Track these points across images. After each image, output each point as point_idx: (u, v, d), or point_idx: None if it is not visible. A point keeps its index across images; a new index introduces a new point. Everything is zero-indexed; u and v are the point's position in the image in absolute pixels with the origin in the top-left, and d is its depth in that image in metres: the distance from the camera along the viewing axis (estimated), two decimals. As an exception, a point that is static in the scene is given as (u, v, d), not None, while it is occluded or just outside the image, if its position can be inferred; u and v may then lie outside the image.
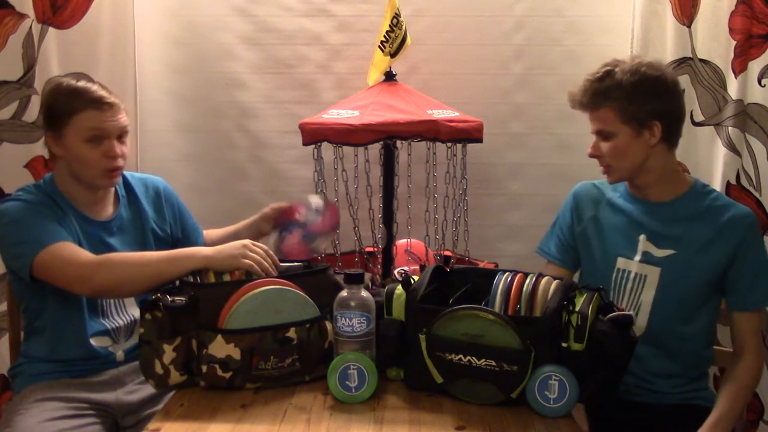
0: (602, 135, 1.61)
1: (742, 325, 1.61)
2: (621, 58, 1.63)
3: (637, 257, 1.64)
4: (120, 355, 1.69)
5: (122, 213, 1.73)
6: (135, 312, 1.71)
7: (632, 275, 1.64)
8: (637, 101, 1.57)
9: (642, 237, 1.64)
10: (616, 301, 1.65)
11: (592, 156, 1.65)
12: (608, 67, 1.60)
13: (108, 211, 1.72)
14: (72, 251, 1.54)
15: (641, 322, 1.63)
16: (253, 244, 1.54)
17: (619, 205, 1.70)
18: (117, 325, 1.68)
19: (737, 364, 1.59)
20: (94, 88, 1.63)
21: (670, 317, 1.61)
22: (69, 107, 1.60)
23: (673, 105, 1.61)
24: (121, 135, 1.65)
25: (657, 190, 1.65)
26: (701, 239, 1.60)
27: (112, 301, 1.68)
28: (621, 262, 1.66)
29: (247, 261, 1.50)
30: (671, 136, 1.62)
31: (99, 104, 1.61)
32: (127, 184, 1.77)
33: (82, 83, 1.63)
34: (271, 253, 1.55)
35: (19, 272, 1.57)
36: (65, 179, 1.66)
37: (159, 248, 1.72)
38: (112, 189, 1.73)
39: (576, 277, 1.78)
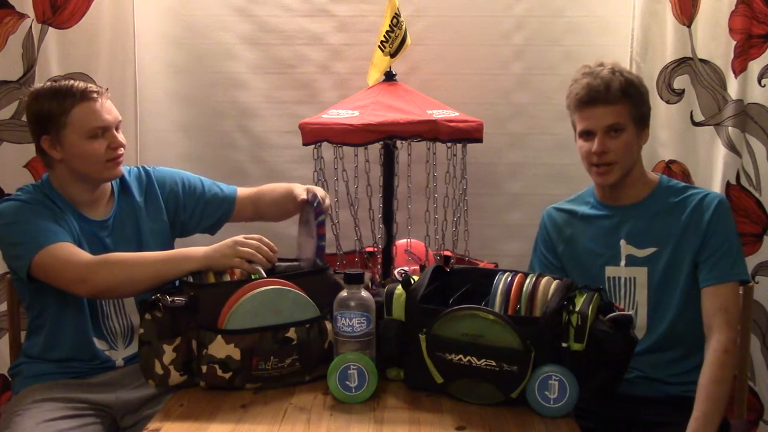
0: (614, 129, 1.60)
1: (707, 303, 1.56)
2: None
3: (623, 262, 1.66)
4: (120, 362, 1.68)
5: (118, 211, 1.72)
6: (134, 318, 1.69)
7: (622, 280, 1.66)
8: (643, 101, 1.63)
9: (622, 242, 1.66)
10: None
11: (598, 152, 1.60)
12: (610, 66, 1.62)
13: (105, 209, 1.71)
14: (70, 252, 1.54)
15: (641, 322, 1.64)
16: (245, 238, 1.53)
17: (592, 216, 1.72)
18: (114, 329, 1.68)
19: (707, 351, 1.52)
20: (75, 82, 1.62)
21: (666, 310, 1.63)
22: (60, 107, 1.58)
23: None
24: (117, 125, 1.66)
25: (633, 191, 1.68)
26: (677, 231, 1.62)
27: (111, 304, 1.67)
28: (609, 271, 1.67)
29: (237, 260, 1.50)
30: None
31: (87, 96, 1.60)
32: (122, 177, 1.74)
33: (61, 82, 1.63)
34: (266, 240, 1.54)
35: (18, 272, 1.57)
36: (64, 180, 1.65)
37: (156, 246, 1.71)
38: (109, 186, 1.72)
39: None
